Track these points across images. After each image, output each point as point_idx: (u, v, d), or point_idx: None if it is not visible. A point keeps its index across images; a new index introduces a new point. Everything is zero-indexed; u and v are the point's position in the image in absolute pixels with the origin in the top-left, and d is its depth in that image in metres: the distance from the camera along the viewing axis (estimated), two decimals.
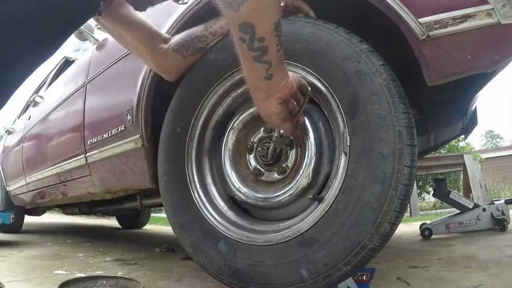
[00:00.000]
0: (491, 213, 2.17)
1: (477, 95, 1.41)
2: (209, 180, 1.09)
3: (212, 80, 1.04)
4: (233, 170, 1.06)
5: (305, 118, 0.93)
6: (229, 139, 1.06)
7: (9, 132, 3.27)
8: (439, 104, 1.49)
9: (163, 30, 1.13)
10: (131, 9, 1.01)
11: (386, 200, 0.75)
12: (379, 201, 0.75)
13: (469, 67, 0.79)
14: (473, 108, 1.63)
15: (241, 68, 0.79)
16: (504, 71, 0.93)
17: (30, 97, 3.04)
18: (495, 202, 2.25)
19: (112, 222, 5.19)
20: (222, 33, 1.03)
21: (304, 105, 0.88)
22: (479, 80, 1.10)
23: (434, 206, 8.74)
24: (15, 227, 3.13)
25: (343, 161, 0.84)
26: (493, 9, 0.75)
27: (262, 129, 1.02)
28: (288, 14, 0.97)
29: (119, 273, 1.42)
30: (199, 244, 1.01)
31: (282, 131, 0.96)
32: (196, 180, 1.07)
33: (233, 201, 1.06)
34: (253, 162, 1.03)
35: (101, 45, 1.82)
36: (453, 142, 8.18)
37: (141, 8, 0.98)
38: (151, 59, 1.09)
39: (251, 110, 1.03)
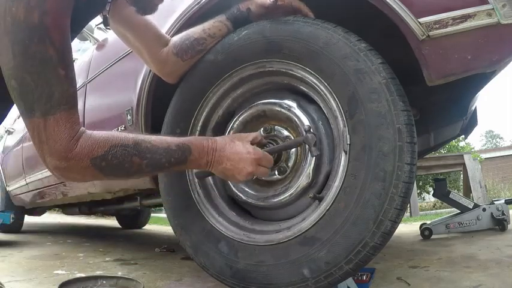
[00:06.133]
0: (491, 213, 2.17)
1: (477, 95, 1.41)
2: (209, 180, 1.08)
3: (211, 81, 1.04)
4: None
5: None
6: None
7: (9, 132, 3.26)
8: (439, 104, 1.50)
9: (163, 31, 1.13)
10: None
11: (387, 198, 0.75)
12: (379, 199, 0.75)
13: (469, 67, 0.79)
14: (473, 108, 1.63)
15: (240, 68, 0.79)
16: (504, 71, 0.94)
17: None
18: (495, 202, 2.25)
19: (112, 222, 5.19)
20: (221, 35, 1.03)
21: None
22: (479, 80, 1.11)
23: (434, 206, 8.74)
24: (15, 227, 3.12)
25: (343, 159, 0.84)
26: (493, 9, 0.76)
27: (262, 129, 1.02)
28: (287, 14, 0.97)
29: (119, 273, 1.42)
30: (200, 245, 1.01)
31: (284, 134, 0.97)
32: (196, 181, 1.07)
33: (234, 202, 1.06)
34: None
35: (101, 45, 1.82)
36: (453, 142, 8.18)
37: (147, 12, 0.94)
38: (152, 63, 1.09)
39: (251, 111, 1.03)
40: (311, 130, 0.91)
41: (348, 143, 0.82)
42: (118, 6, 0.96)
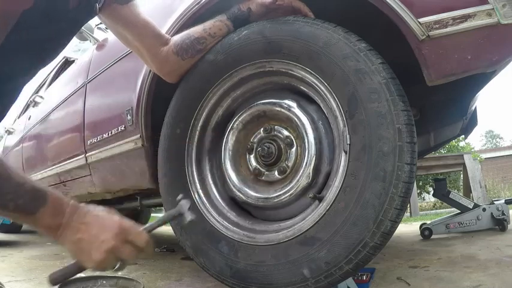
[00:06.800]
0: (491, 213, 2.17)
1: (477, 95, 1.41)
2: (209, 181, 1.09)
3: (211, 81, 1.04)
4: (233, 170, 1.05)
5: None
6: (229, 140, 1.06)
7: (9, 132, 3.26)
8: (439, 104, 1.50)
9: (163, 30, 1.13)
10: (134, 8, 0.99)
11: (387, 198, 0.75)
12: (379, 199, 0.75)
13: (469, 67, 0.79)
14: (473, 108, 1.63)
15: (240, 68, 0.78)
16: (504, 71, 0.94)
17: (30, 97, 3.04)
18: (495, 202, 2.25)
19: None
20: (221, 34, 1.03)
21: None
22: (479, 80, 1.11)
23: (434, 206, 8.73)
24: (15, 227, 3.13)
25: (343, 159, 0.84)
26: (493, 9, 0.76)
27: (262, 129, 1.02)
28: (287, 14, 0.97)
29: (119, 273, 1.42)
30: (200, 245, 1.01)
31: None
32: (196, 181, 1.07)
33: (234, 202, 1.06)
34: (253, 163, 1.03)
35: (101, 45, 1.82)
36: (453, 142, 8.17)
37: None
38: (152, 62, 1.09)
39: (251, 111, 1.03)
40: (182, 198, 0.85)
41: (348, 143, 0.82)
42: (115, 6, 0.96)
